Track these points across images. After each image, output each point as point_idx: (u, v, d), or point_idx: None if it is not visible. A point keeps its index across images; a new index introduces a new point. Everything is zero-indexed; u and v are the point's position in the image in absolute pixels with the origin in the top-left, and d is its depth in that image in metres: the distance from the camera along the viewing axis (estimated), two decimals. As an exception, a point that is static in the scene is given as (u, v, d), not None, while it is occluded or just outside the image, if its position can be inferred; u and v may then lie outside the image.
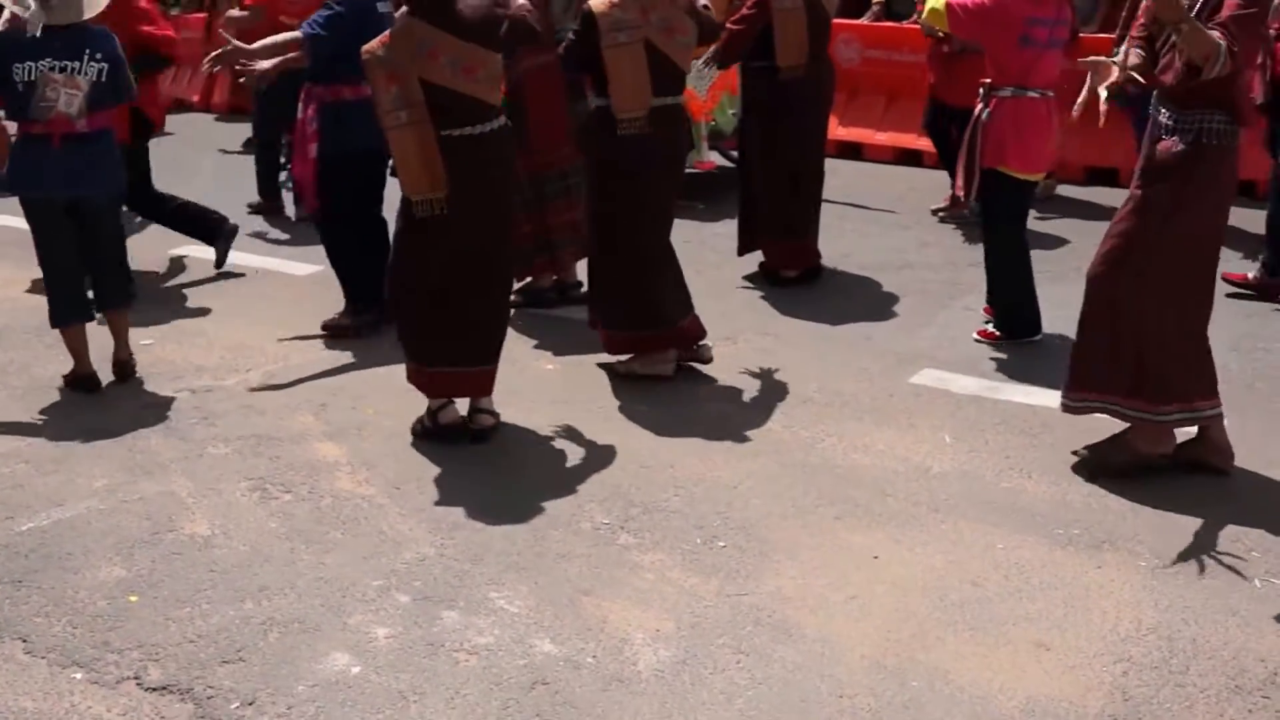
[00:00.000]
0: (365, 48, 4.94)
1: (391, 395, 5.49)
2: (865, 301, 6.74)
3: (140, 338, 6.46)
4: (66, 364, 5.95)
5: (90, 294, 5.97)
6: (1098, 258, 4.71)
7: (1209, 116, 4.45)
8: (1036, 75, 5.79)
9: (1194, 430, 4.77)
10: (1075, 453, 4.89)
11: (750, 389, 5.64)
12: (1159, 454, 4.74)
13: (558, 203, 6.60)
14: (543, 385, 5.73)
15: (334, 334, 6.44)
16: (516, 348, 6.13)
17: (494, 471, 4.91)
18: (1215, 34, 4.27)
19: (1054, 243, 7.62)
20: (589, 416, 5.37)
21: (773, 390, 5.59)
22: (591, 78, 5.66)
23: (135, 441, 5.28)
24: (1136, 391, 4.67)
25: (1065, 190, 8.73)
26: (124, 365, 5.99)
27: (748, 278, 7.16)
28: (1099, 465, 4.78)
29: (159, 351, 6.34)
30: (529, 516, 4.54)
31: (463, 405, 5.25)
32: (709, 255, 7.50)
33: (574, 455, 5.02)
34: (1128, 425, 4.76)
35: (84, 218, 5.76)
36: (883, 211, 8.52)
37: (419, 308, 5.11)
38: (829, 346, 6.12)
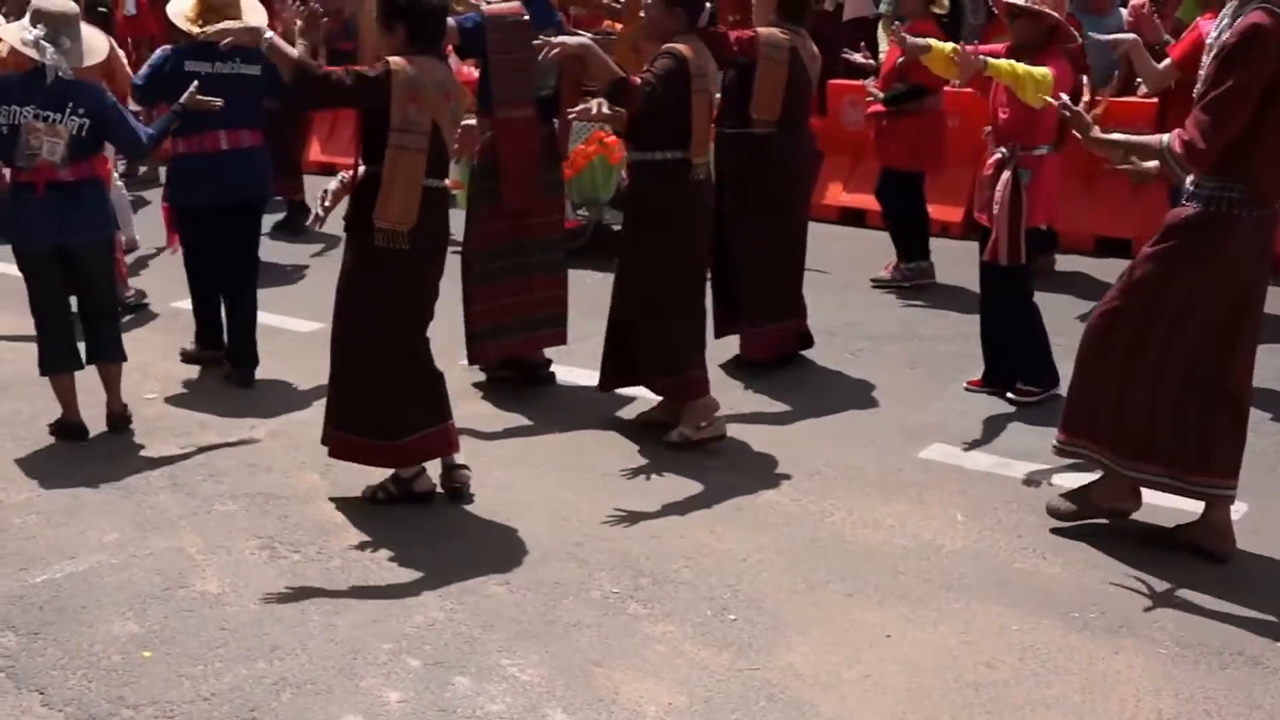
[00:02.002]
0: (394, 60, 4.85)
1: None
2: (873, 373, 6.75)
3: (144, 391, 6.48)
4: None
5: (82, 344, 5.98)
6: (1100, 306, 4.80)
7: (1225, 186, 4.46)
8: (1055, 132, 6.00)
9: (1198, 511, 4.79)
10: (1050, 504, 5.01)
11: (757, 460, 5.64)
12: (1112, 508, 4.86)
13: (530, 279, 6.41)
14: (551, 452, 5.72)
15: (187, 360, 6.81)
16: (522, 414, 6.15)
17: (503, 537, 4.89)
18: (1168, 137, 4.40)
19: (1064, 315, 7.64)
20: (597, 484, 5.37)
21: (780, 462, 5.59)
22: (652, 126, 5.59)
23: (144, 496, 5.26)
24: (1114, 445, 4.74)
25: (1076, 262, 8.74)
26: (118, 417, 5.99)
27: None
28: (1062, 511, 4.94)
29: (163, 406, 6.33)
30: (539, 583, 4.52)
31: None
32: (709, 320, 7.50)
33: (583, 523, 5.01)
34: (1100, 475, 4.85)
35: (72, 265, 5.78)
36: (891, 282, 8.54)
37: (390, 380, 5.02)
38: (836, 418, 6.13)
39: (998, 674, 4.01)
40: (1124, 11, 8.35)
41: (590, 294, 7.23)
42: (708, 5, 5.85)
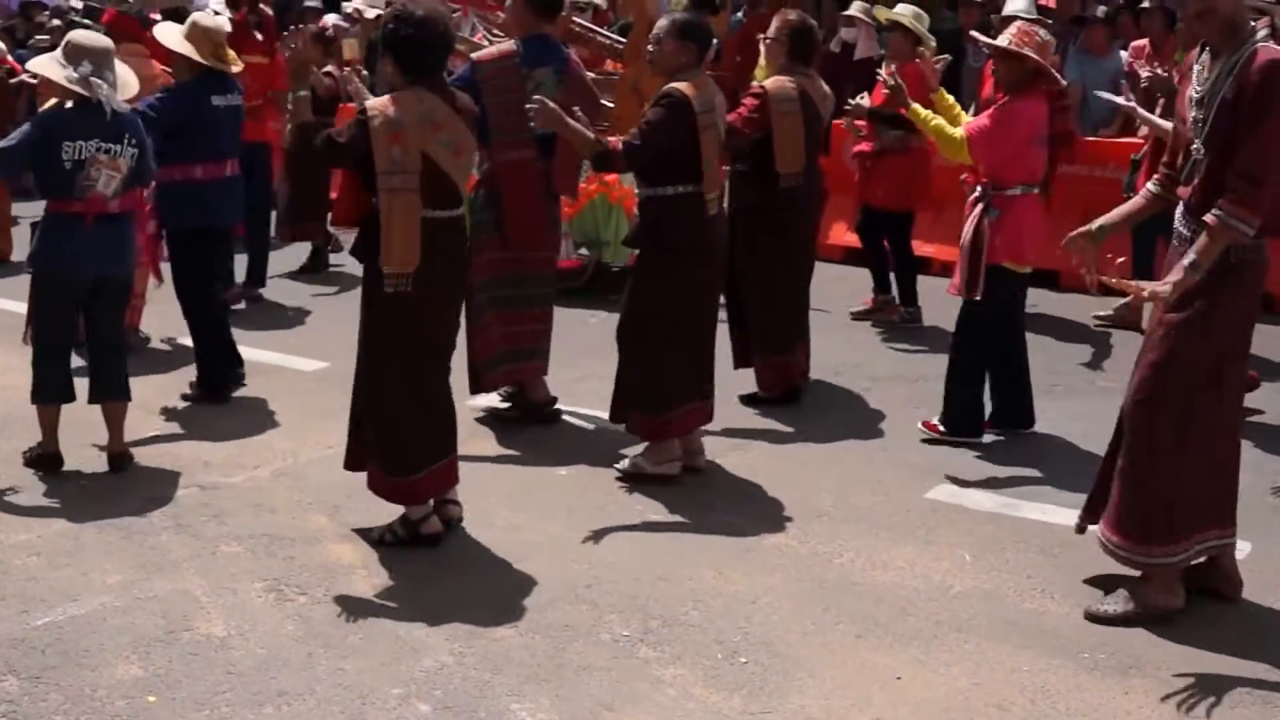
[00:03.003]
0: (372, 104, 4.92)
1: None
2: (877, 412, 6.74)
3: (145, 429, 6.44)
4: (73, 451, 5.93)
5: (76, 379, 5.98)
6: (1133, 392, 4.56)
7: None
8: (1035, 173, 6.04)
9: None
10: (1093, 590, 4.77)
11: (764, 500, 5.62)
12: (1174, 608, 4.60)
13: (521, 311, 6.43)
14: (555, 492, 5.70)
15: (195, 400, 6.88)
16: (527, 453, 6.13)
17: (511, 579, 4.86)
18: (1211, 218, 4.23)
19: (1065, 356, 7.66)
20: (603, 525, 5.33)
21: (787, 502, 5.57)
22: (663, 164, 5.60)
23: (146, 537, 5.22)
24: (1149, 537, 4.52)
25: (1074, 300, 8.75)
26: (120, 457, 5.97)
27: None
28: (1110, 619, 4.61)
29: (165, 444, 6.30)
30: (548, 626, 4.49)
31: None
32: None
33: (590, 564, 4.98)
34: (1139, 574, 4.63)
35: (101, 298, 5.84)
36: (892, 321, 8.53)
37: (402, 415, 5.04)
38: (842, 458, 6.11)
39: (1009, 715, 3.98)
40: (1124, 54, 8.43)
41: (592, 334, 7.24)
42: (714, 42, 5.88)
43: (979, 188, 6.05)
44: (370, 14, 11.96)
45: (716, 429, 6.20)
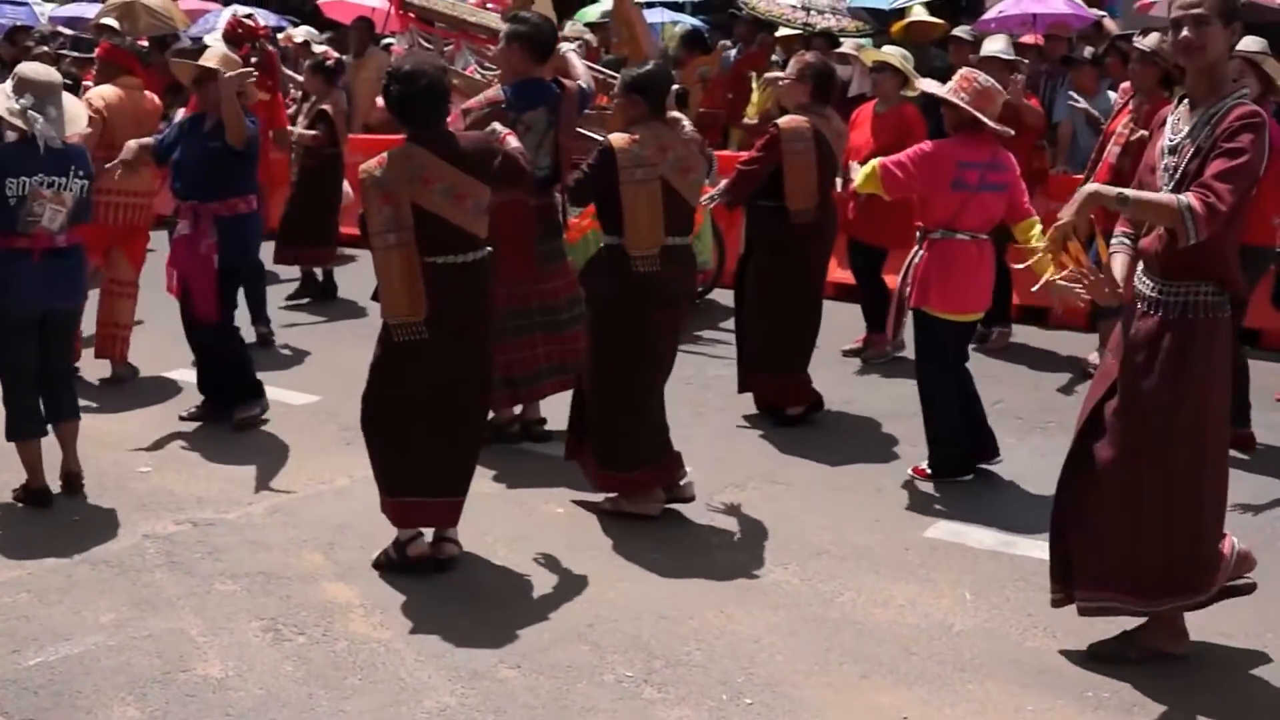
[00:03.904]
0: (362, 167, 5.05)
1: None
2: (873, 450, 6.72)
3: (137, 465, 6.40)
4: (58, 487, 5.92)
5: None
6: (1111, 451, 4.44)
7: (1195, 288, 4.23)
8: (966, 218, 5.95)
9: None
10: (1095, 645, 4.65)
11: (763, 538, 5.59)
12: (1178, 653, 4.54)
13: (521, 339, 6.54)
14: (552, 530, 5.66)
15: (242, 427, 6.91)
16: (522, 490, 6.09)
17: (511, 618, 4.82)
18: (1186, 197, 4.05)
19: (1057, 393, 7.67)
20: (602, 563, 5.31)
21: (786, 540, 5.54)
22: (601, 213, 5.70)
23: (139, 574, 5.16)
24: (1142, 589, 4.44)
25: (1064, 336, 8.78)
26: (74, 477, 5.98)
27: (748, 417, 7.15)
28: (1114, 659, 4.56)
29: (157, 480, 6.24)
30: (551, 667, 4.45)
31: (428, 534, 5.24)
32: (711, 398, 7.50)
33: (591, 603, 4.95)
34: (1142, 622, 4.57)
35: (51, 329, 5.85)
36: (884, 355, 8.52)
37: (391, 437, 5.11)
38: (839, 496, 6.09)
39: (1020, 759, 3.96)
40: (1111, 95, 8.48)
41: (584, 368, 7.21)
42: (675, 88, 5.87)
43: (918, 231, 6.12)
44: (299, 38, 12.01)
45: (712, 466, 6.18)
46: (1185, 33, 4.17)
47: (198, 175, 6.74)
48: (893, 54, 7.97)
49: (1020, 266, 5.24)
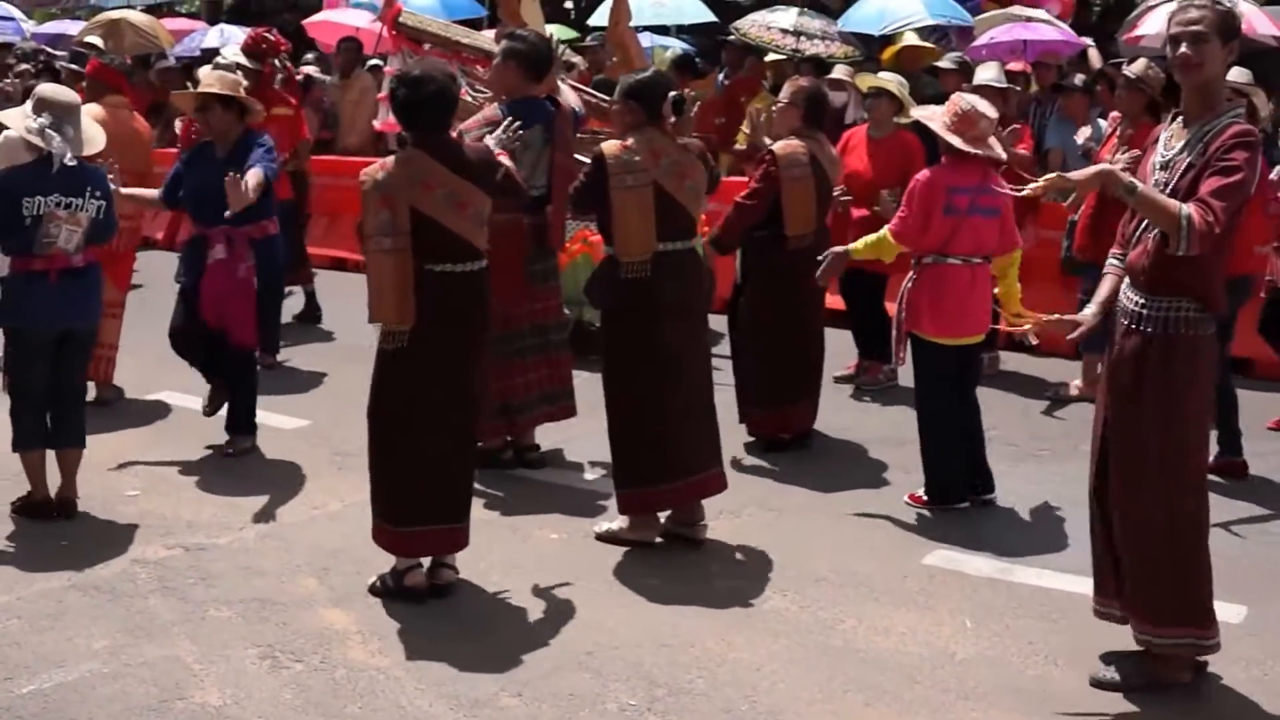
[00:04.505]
0: (363, 171, 5.02)
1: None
2: (868, 477, 6.70)
3: (125, 488, 6.34)
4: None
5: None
6: (1116, 482, 4.46)
7: (1177, 304, 4.27)
8: (958, 243, 5.96)
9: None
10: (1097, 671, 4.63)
11: (762, 565, 5.55)
12: (1182, 681, 4.54)
13: (514, 363, 6.50)
14: (549, 557, 5.61)
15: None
16: (517, 516, 6.04)
17: (511, 645, 4.77)
18: (1188, 208, 4.06)
19: (1048, 420, 7.68)
20: (601, 590, 5.27)
21: (784, 567, 5.51)
22: (601, 224, 5.70)
23: (132, 600, 5.10)
24: (1154, 616, 4.45)
25: (1054, 363, 8.78)
26: (68, 503, 5.95)
27: (748, 446, 7.11)
28: (1116, 687, 4.55)
29: (146, 504, 6.17)
30: (553, 695, 4.40)
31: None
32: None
33: (591, 630, 4.90)
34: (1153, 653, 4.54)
35: (68, 348, 5.85)
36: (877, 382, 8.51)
37: (398, 465, 5.04)
38: (836, 523, 6.07)
39: (1028, 789, 3.93)
40: (1102, 123, 8.52)
41: (577, 392, 7.18)
42: (672, 94, 5.84)
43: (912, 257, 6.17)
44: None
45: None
46: (1184, 49, 4.19)
47: (224, 202, 6.48)
48: (889, 80, 7.98)
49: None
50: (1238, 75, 6.67)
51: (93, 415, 7.37)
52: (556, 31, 10.19)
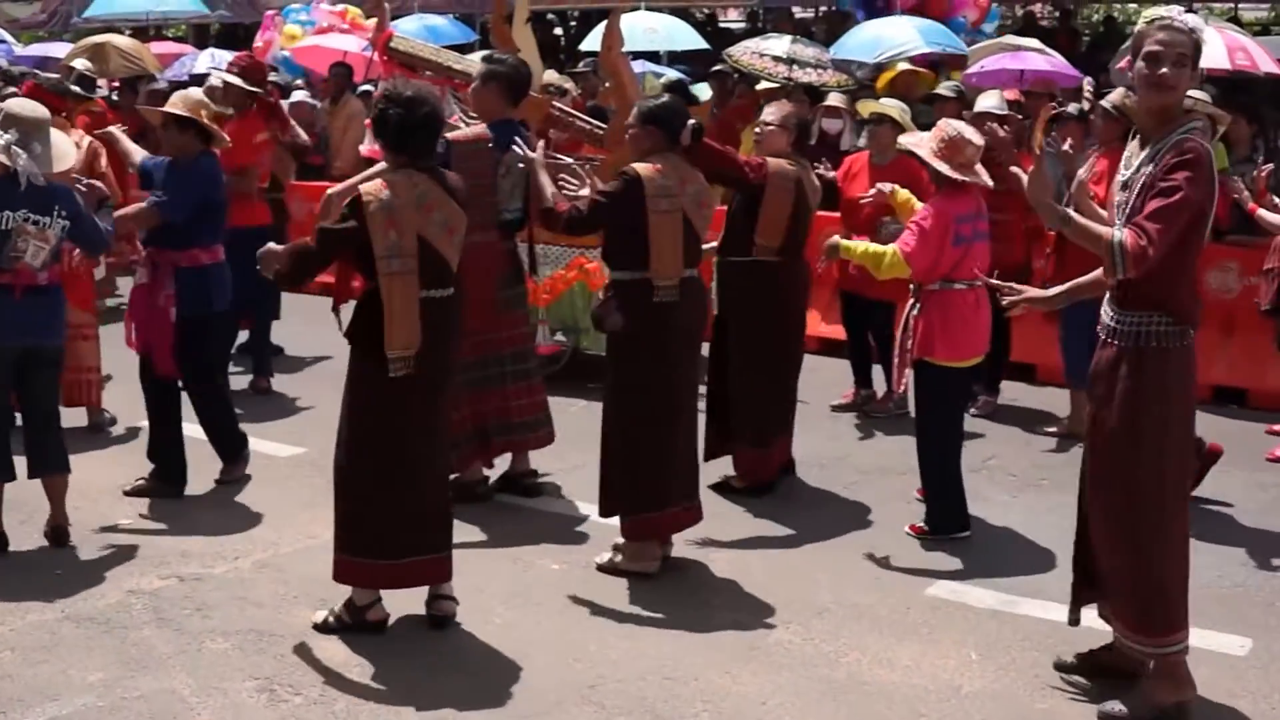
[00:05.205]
0: (365, 189, 4.87)
1: (391, 592, 5.27)
2: (867, 506, 6.65)
3: (119, 517, 6.27)
4: (28, 536, 5.81)
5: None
6: (1095, 502, 4.57)
7: (1148, 319, 4.32)
8: (963, 269, 6.01)
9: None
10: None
11: (762, 597, 5.50)
12: (1185, 701, 4.53)
13: (493, 390, 6.44)
14: (551, 587, 5.55)
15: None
16: (517, 546, 5.98)
17: (513, 679, 4.72)
18: (1120, 233, 4.16)
19: (1048, 450, 7.64)
20: (602, 621, 5.22)
21: (787, 599, 5.46)
22: (615, 248, 5.62)
23: (127, 632, 5.03)
24: (1142, 626, 4.48)
25: (1052, 393, 8.74)
26: (61, 531, 5.87)
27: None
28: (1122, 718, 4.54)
29: (139, 533, 6.10)
30: (556, 729, 4.35)
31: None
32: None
33: (593, 663, 4.85)
34: (1144, 677, 4.58)
35: (31, 369, 5.76)
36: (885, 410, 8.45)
37: (377, 498, 4.95)
38: (837, 554, 6.02)
39: (1040, 826, 3.89)
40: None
41: (575, 423, 7.16)
42: (691, 122, 5.84)
43: (911, 284, 6.17)
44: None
45: (705, 522, 6.08)
46: (1166, 70, 4.23)
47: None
48: (891, 105, 7.96)
49: None
50: (1200, 96, 6.74)
51: (87, 442, 7.37)
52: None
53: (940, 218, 5.95)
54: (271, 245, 5.33)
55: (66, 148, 6.00)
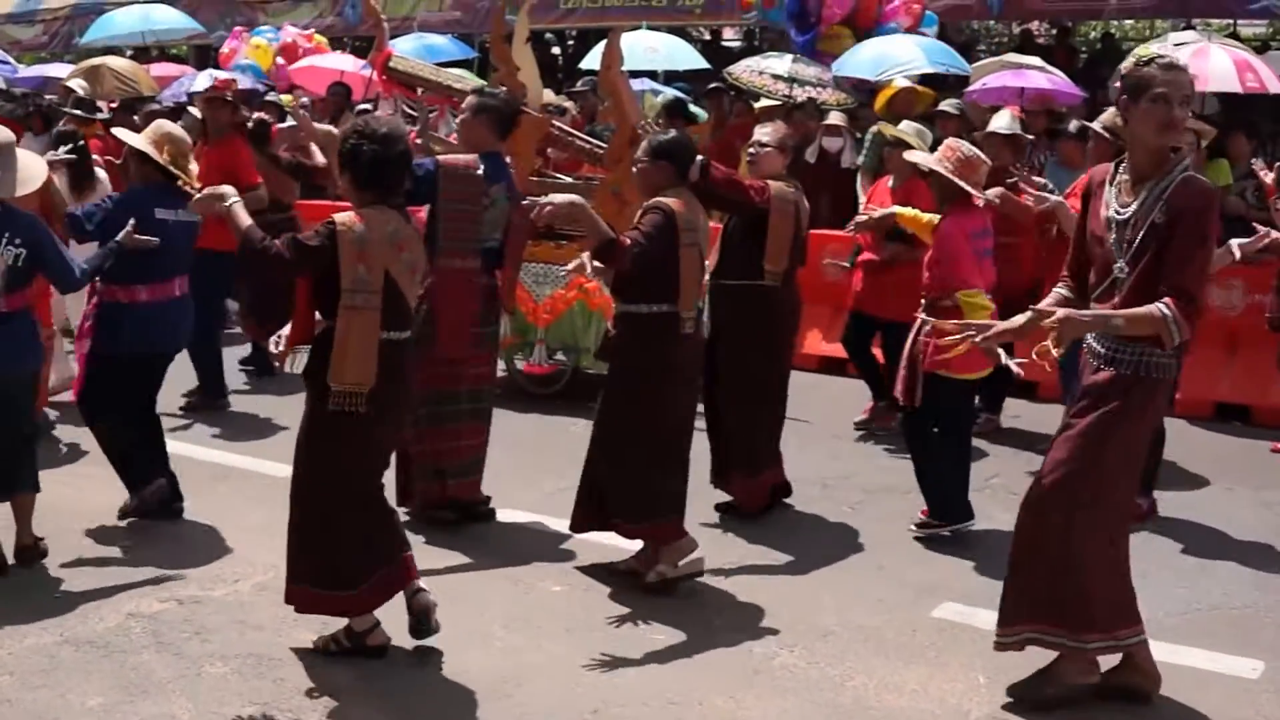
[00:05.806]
0: (340, 219, 4.80)
1: (391, 614, 5.22)
2: (872, 526, 6.62)
3: (116, 538, 6.21)
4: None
5: None
6: (1034, 489, 4.65)
7: (1150, 350, 4.39)
8: (975, 284, 6.16)
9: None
10: (1010, 690, 4.76)
11: (765, 618, 5.46)
12: (1087, 683, 4.68)
13: (447, 428, 6.36)
14: (552, 609, 5.51)
15: (132, 515, 6.36)
16: (517, 567, 5.94)
17: (515, 704, 4.67)
18: (1165, 306, 4.25)
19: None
20: (604, 644, 5.15)
21: (791, 621, 5.41)
22: (642, 280, 5.57)
23: (126, 656, 4.97)
24: (1061, 619, 4.59)
25: (1053, 409, 8.67)
26: (29, 550, 5.80)
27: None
28: (1032, 700, 4.68)
29: (137, 555, 6.04)
30: (560, 755, 4.30)
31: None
32: (698, 469, 7.36)
33: (596, 687, 4.80)
34: (1056, 656, 4.70)
35: (2, 395, 5.65)
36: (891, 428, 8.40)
37: (346, 530, 4.89)
38: (841, 575, 5.98)
39: None
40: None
41: (574, 442, 7.09)
42: (699, 159, 5.86)
43: (923, 299, 6.25)
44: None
45: (706, 543, 6.03)
46: (1179, 112, 4.36)
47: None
48: (908, 130, 7.92)
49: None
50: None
51: (78, 463, 7.31)
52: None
53: (956, 237, 6.14)
54: (216, 188, 5.23)
55: (34, 171, 5.82)
